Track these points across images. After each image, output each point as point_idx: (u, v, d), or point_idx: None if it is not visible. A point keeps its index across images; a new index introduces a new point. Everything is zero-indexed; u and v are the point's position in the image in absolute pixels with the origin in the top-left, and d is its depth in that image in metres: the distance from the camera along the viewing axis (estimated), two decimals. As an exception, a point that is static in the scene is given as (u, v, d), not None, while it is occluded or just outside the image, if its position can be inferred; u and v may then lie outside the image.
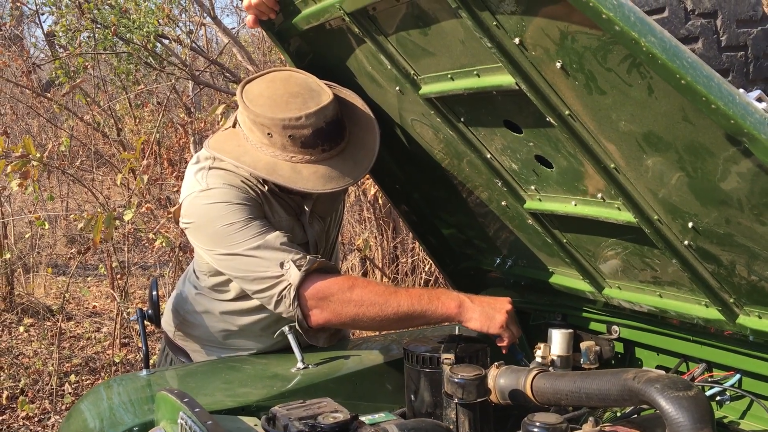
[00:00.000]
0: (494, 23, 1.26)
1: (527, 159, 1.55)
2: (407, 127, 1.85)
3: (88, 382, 4.37)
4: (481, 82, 1.45)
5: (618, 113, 1.23)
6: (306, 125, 1.79)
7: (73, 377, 4.34)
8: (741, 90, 1.30)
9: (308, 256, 1.83)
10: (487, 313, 1.78)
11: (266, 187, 1.92)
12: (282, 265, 1.81)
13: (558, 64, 1.22)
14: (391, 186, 2.14)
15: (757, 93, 1.34)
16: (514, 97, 1.38)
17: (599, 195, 1.44)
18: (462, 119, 1.61)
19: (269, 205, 1.94)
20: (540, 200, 1.63)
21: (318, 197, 2.01)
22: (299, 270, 1.79)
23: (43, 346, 4.79)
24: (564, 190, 1.54)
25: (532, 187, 1.63)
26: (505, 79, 1.35)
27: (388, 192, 2.17)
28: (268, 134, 1.81)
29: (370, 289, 1.84)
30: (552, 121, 1.33)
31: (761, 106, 1.18)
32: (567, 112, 1.31)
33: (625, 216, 1.40)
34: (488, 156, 1.64)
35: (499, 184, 1.66)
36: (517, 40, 1.25)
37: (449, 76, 1.53)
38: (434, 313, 1.80)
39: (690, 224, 1.28)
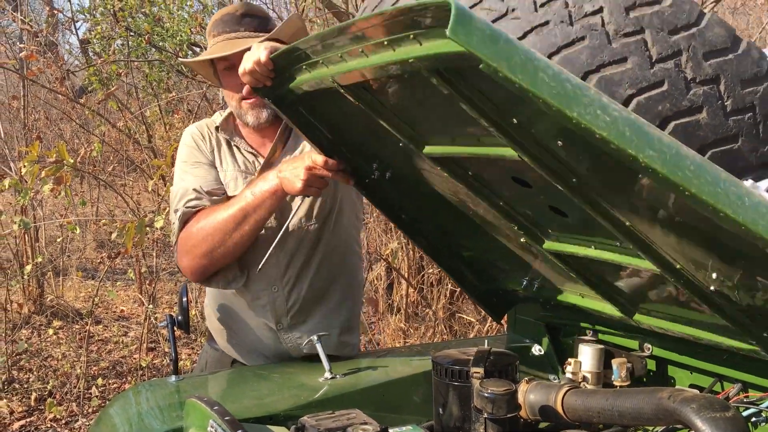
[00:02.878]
0: (490, 105, 1.22)
1: (540, 208, 1.52)
2: (417, 169, 1.80)
3: (114, 385, 4.40)
4: (484, 150, 1.40)
5: (628, 193, 1.19)
6: (213, 18, 2.08)
7: (100, 380, 4.38)
8: (749, 181, 1.25)
9: (190, 207, 1.99)
10: (287, 175, 1.85)
11: (221, 136, 2.12)
12: (176, 211, 2.01)
13: (559, 143, 1.18)
14: (403, 219, 2.06)
15: None
16: (518, 162, 1.33)
17: (618, 243, 1.41)
18: (469, 173, 1.56)
19: (220, 153, 2.11)
20: (559, 241, 1.60)
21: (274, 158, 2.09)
22: (179, 222, 2.00)
23: (71, 349, 4.84)
24: (582, 235, 1.51)
25: (549, 230, 1.59)
26: (506, 150, 1.30)
27: (403, 226, 2.10)
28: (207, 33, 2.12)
29: (209, 215, 1.96)
30: (560, 186, 1.28)
31: None
32: (574, 180, 1.26)
33: (646, 264, 1.37)
34: (501, 203, 1.60)
35: (516, 228, 1.63)
36: (515, 120, 1.20)
37: (451, 139, 1.50)
38: (261, 198, 1.89)
39: (714, 274, 1.25)
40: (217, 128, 2.13)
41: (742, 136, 1.34)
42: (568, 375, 1.65)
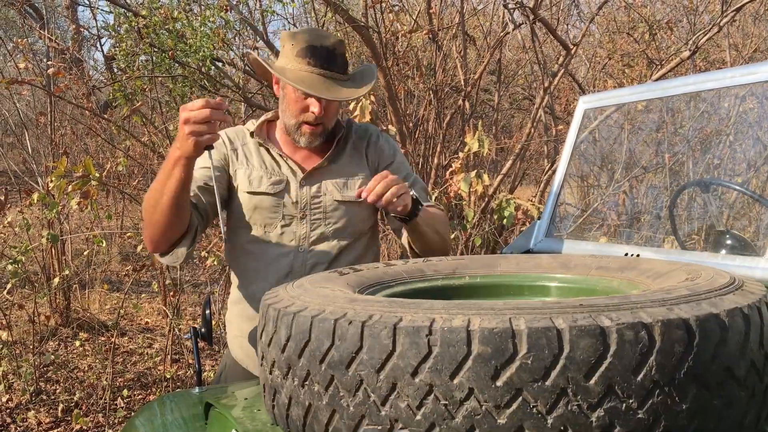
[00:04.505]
0: None
1: None
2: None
3: (139, 396, 4.45)
4: None
5: None
6: (305, 39, 2.08)
7: (125, 392, 4.43)
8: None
9: None
10: (177, 142, 1.86)
11: (253, 140, 2.22)
12: None
13: None
14: None
15: None
16: None
17: None
18: None
19: (247, 153, 2.20)
20: None
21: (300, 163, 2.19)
22: None
23: (97, 361, 4.90)
24: None
25: None
26: None
27: None
28: (283, 46, 2.13)
29: (148, 193, 1.99)
30: None
31: None
32: None
33: None
34: None
35: None
36: None
37: None
38: (168, 169, 1.89)
39: None
40: (251, 134, 2.24)
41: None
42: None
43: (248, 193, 2.16)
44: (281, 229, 2.16)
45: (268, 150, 2.22)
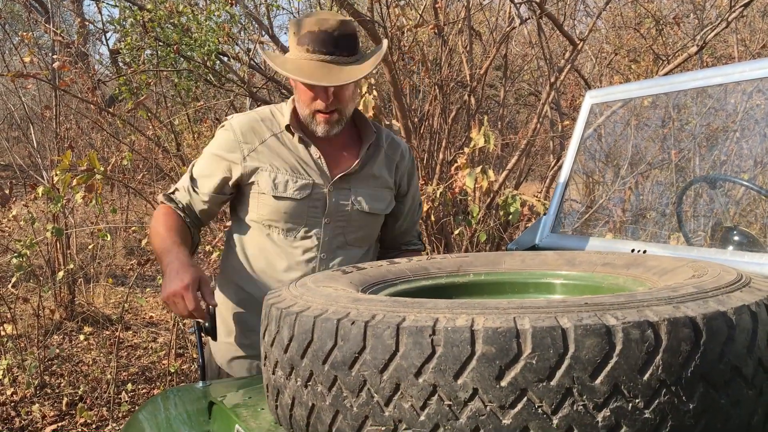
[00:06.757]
0: None
1: None
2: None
3: (144, 391, 4.46)
4: None
5: None
6: (306, 25, 2.00)
7: (129, 386, 4.44)
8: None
9: (168, 196, 2.17)
10: (165, 283, 1.92)
11: (281, 130, 2.14)
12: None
13: None
14: None
15: None
16: None
17: None
18: None
19: (275, 146, 2.12)
20: None
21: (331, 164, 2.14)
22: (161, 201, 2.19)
23: (101, 355, 4.91)
24: None
25: None
26: None
27: None
28: (290, 35, 2.07)
29: (157, 223, 2.11)
30: None
31: None
32: None
33: None
34: None
35: None
36: None
37: None
38: (159, 259, 2.05)
39: None
40: (287, 127, 2.13)
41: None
42: None
43: (273, 197, 2.08)
44: (304, 233, 2.10)
45: (306, 146, 2.13)
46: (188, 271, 1.91)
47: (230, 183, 2.13)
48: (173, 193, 2.18)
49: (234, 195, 2.19)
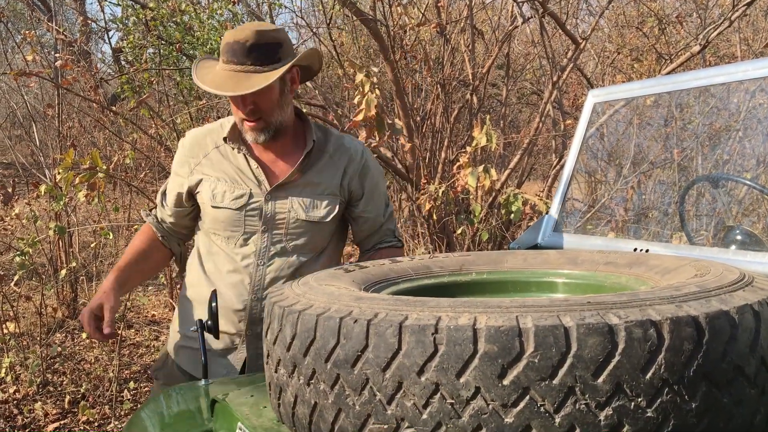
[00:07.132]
0: None
1: None
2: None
3: (146, 389, 4.46)
4: None
5: None
6: (225, 38, 2.06)
7: (132, 384, 4.44)
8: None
9: (149, 215, 2.34)
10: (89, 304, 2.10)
11: (227, 146, 2.21)
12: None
13: None
14: None
15: None
16: None
17: None
18: None
19: (216, 159, 2.21)
20: None
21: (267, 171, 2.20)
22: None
23: (104, 353, 4.92)
24: None
25: None
26: None
27: None
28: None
29: (132, 242, 2.34)
30: None
31: None
32: None
33: None
34: None
35: None
36: None
37: None
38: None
39: None
40: (225, 139, 2.21)
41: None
42: None
43: (212, 207, 2.18)
44: (243, 241, 2.18)
45: (244, 155, 2.20)
46: (98, 297, 2.10)
47: (183, 197, 2.25)
48: (153, 209, 2.39)
49: (195, 207, 2.29)
